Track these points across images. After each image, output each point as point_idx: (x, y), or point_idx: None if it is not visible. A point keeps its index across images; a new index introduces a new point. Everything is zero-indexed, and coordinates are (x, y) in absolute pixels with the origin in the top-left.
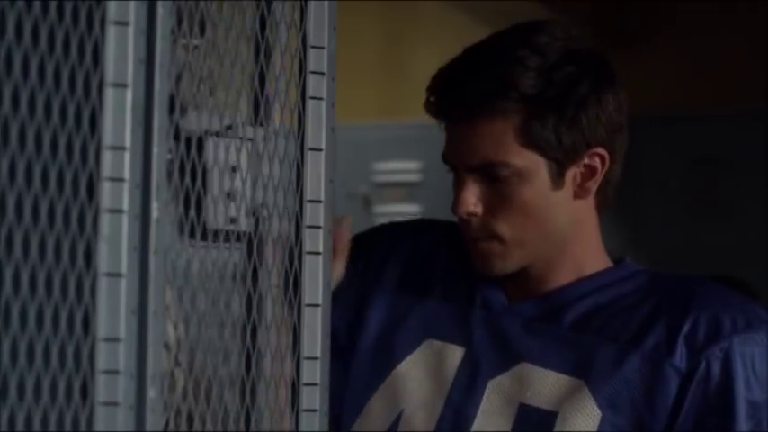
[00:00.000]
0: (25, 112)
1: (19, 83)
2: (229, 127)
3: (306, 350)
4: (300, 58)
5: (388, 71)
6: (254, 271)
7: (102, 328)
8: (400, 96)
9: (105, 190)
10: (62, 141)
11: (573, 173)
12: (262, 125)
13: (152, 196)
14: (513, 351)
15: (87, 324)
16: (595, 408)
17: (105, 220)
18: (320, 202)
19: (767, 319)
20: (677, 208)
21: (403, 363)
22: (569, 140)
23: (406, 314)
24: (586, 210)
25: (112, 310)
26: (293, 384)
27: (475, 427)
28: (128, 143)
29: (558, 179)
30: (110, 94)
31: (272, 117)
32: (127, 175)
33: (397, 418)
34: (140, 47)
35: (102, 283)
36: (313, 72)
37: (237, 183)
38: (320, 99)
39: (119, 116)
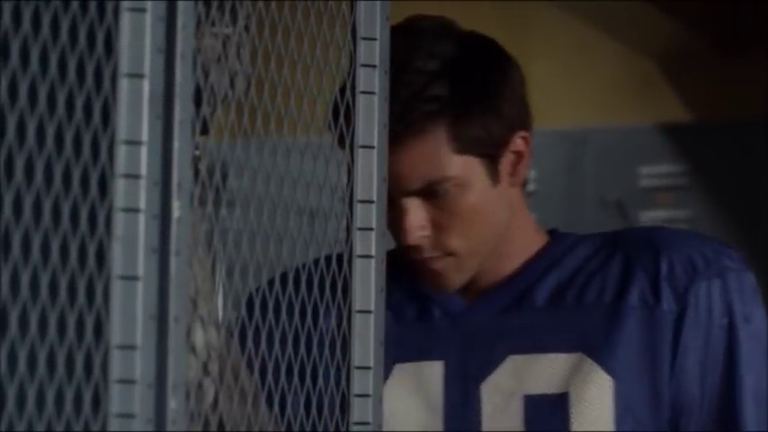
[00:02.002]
0: (25, 104)
1: (17, 72)
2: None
3: (357, 359)
4: (350, 51)
5: None
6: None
7: (116, 334)
8: None
9: (120, 187)
10: (69, 135)
11: (505, 163)
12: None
13: (173, 194)
14: (495, 347)
15: (99, 330)
16: (605, 375)
17: (120, 220)
18: (372, 202)
19: (723, 243)
20: None
21: None
22: (497, 131)
23: None
24: (517, 192)
25: (128, 315)
26: (343, 395)
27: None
28: (145, 137)
29: (494, 174)
30: (124, 84)
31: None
32: (144, 171)
33: None
34: (158, 35)
35: (117, 287)
36: (364, 65)
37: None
38: (372, 93)
39: (134, 108)
